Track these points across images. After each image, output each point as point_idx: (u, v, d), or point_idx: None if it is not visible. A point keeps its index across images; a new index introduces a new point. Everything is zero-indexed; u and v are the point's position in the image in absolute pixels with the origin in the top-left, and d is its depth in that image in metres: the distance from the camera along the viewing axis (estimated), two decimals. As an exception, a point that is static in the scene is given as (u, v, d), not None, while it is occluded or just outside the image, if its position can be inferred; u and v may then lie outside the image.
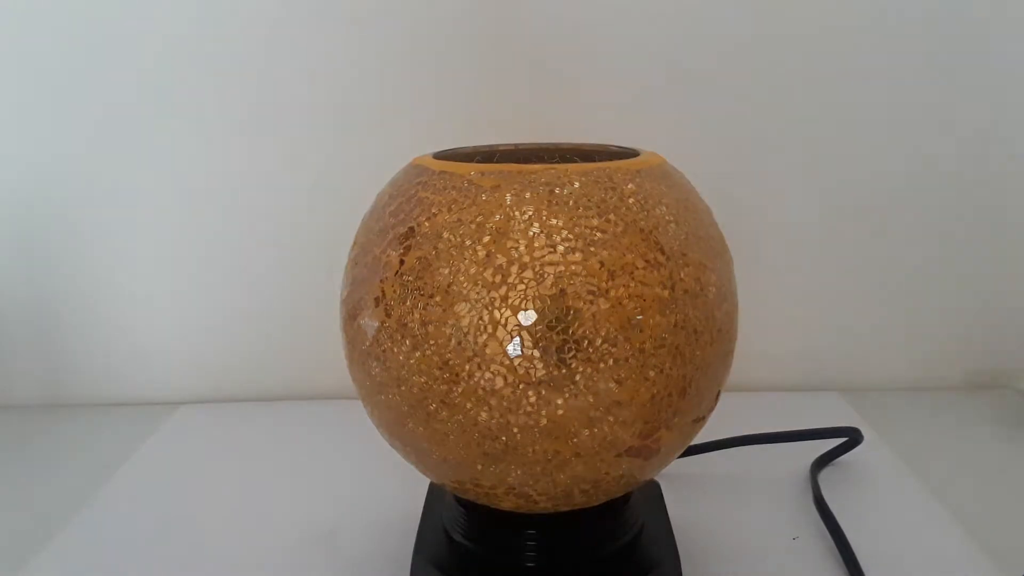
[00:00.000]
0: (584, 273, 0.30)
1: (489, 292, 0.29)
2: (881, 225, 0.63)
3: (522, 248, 0.30)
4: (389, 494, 0.49)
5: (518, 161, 0.40)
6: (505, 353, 0.29)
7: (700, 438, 0.39)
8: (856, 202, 0.62)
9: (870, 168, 0.61)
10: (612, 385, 0.30)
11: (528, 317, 0.29)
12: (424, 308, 0.30)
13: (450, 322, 0.30)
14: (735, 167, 0.61)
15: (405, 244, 0.32)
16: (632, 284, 0.30)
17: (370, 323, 0.32)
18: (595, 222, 0.30)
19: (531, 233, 0.30)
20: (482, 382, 0.30)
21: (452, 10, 0.58)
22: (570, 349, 0.29)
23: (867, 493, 0.49)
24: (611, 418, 0.30)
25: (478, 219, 0.30)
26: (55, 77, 0.59)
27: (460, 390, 0.30)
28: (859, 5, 0.58)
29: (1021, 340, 0.65)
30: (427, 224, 0.31)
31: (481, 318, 0.29)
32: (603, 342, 0.30)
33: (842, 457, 0.52)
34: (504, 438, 0.31)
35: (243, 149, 0.60)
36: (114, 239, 0.62)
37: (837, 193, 0.62)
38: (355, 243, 0.36)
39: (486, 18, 0.58)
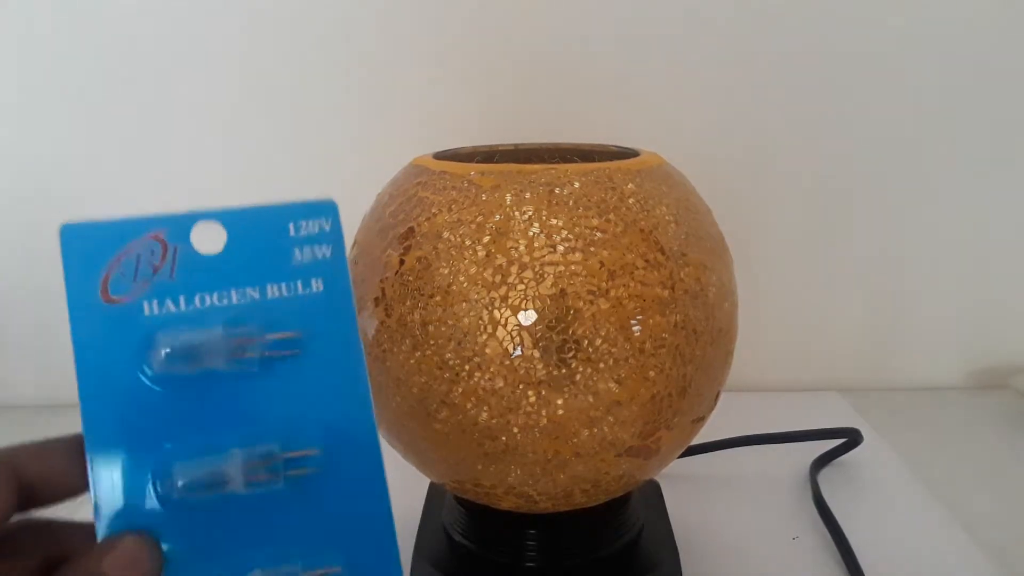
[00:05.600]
0: (584, 273, 0.29)
1: (489, 292, 0.29)
2: (881, 225, 0.63)
3: (522, 248, 0.30)
4: (389, 494, 0.49)
5: (518, 161, 0.40)
6: (505, 353, 0.29)
7: (700, 438, 0.39)
8: (856, 202, 0.62)
9: (870, 168, 0.61)
10: (612, 385, 0.30)
11: (528, 317, 0.29)
12: (424, 308, 0.30)
13: (450, 322, 0.30)
14: (735, 167, 0.61)
15: (405, 244, 0.32)
16: (632, 284, 0.30)
17: (370, 323, 0.32)
18: (595, 222, 0.30)
19: (531, 233, 0.30)
20: (482, 382, 0.30)
21: (452, 10, 0.58)
22: (570, 349, 0.29)
23: (867, 493, 0.49)
24: (611, 418, 0.30)
25: (478, 219, 0.30)
26: (56, 77, 0.59)
27: (460, 390, 0.30)
28: (860, 6, 0.58)
29: (1021, 340, 0.65)
30: (427, 224, 0.31)
31: (481, 318, 0.29)
32: (603, 342, 0.30)
33: (842, 457, 0.52)
34: (504, 438, 0.31)
35: (243, 149, 0.60)
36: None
37: (837, 193, 0.62)
38: (355, 243, 0.36)
39: (486, 18, 0.58)
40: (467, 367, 0.30)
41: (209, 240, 0.23)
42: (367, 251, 0.34)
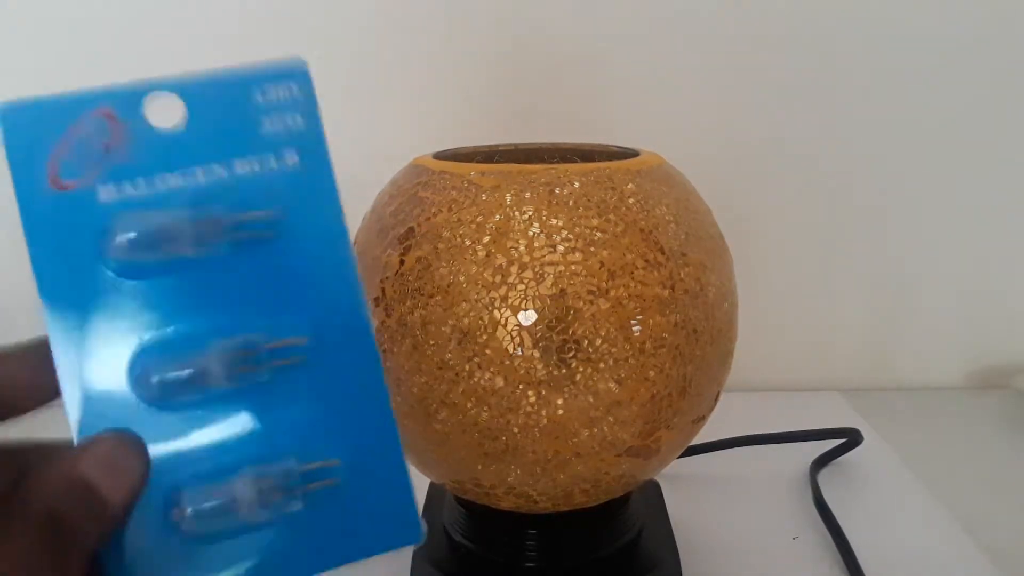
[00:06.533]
0: (584, 273, 0.29)
1: (489, 292, 0.29)
2: (881, 225, 0.63)
3: (522, 248, 0.30)
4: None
5: (518, 161, 0.40)
6: (505, 353, 0.29)
7: (700, 438, 0.39)
8: (856, 202, 0.62)
9: (869, 167, 0.61)
10: (612, 385, 0.30)
11: (528, 317, 0.29)
12: (424, 308, 0.30)
13: (450, 322, 0.30)
14: (735, 167, 0.61)
15: (405, 244, 0.32)
16: (632, 284, 0.30)
17: (370, 323, 0.32)
18: (595, 222, 0.30)
19: (531, 233, 0.30)
20: (482, 382, 0.30)
21: (452, 10, 0.58)
22: (570, 349, 0.29)
23: (867, 493, 0.49)
24: (611, 418, 0.30)
25: (478, 219, 0.30)
26: (56, 75, 0.59)
27: (460, 390, 0.30)
28: (860, 6, 0.58)
29: (1021, 340, 0.65)
30: (427, 224, 0.31)
31: (481, 318, 0.29)
32: (603, 342, 0.30)
33: (842, 457, 0.52)
34: (504, 438, 0.31)
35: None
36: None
37: (837, 193, 0.62)
38: (355, 243, 0.36)
39: (486, 18, 0.58)
40: (467, 367, 0.30)
41: (166, 115, 0.21)
42: (367, 251, 0.34)
